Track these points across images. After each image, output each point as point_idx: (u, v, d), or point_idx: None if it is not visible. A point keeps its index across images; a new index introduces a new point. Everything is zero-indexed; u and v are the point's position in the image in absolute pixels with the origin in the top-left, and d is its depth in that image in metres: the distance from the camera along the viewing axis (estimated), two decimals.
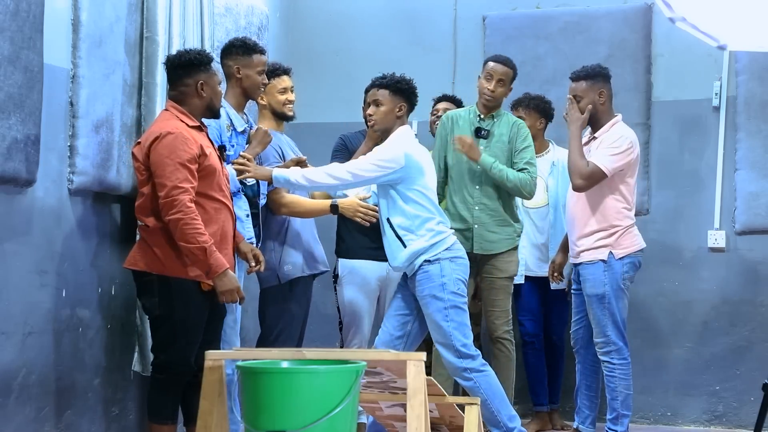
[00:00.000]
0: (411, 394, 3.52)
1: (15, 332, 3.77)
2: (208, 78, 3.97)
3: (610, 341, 4.80)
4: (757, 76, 5.49)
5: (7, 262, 3.73)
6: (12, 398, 3.75)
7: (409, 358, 3.59)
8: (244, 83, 4.39)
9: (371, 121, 4.50)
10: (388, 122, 4.44)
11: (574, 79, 4.91)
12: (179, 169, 3.77)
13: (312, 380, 3.44)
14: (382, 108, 4.44)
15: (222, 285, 3.83)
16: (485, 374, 4.37)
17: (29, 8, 3.70)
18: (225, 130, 4.30)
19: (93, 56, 4.12)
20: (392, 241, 4.37)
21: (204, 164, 3.87)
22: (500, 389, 4.41)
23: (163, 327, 3.92)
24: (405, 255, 4.34)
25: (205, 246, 3.76)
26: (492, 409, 4.36)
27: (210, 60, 4.01)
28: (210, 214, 3.90)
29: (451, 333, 4.32)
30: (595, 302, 4.80)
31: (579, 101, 4.86)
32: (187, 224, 3.74)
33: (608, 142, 4.79)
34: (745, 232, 5.55)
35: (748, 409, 5.40)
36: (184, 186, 3.76)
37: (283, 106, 4.69)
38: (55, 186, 4.00)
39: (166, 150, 3.79)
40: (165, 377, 3.92)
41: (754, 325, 5.54)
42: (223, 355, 3.90)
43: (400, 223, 4.33)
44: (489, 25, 5.97)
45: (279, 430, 3.39)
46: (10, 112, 3.62)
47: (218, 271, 3.80)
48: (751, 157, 5.52)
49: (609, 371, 4.84)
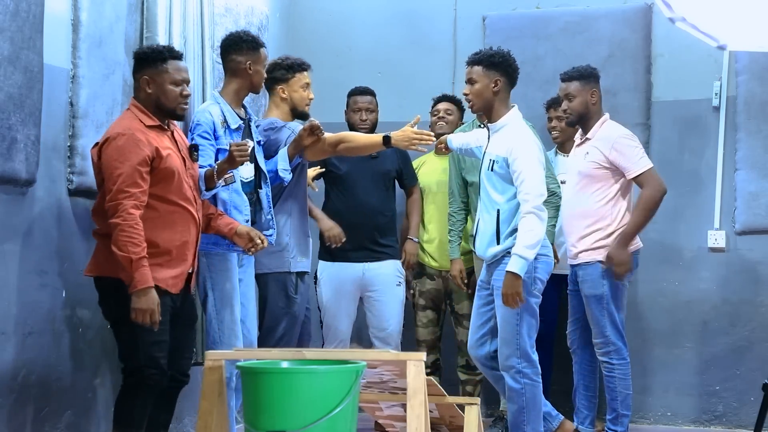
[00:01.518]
0: (411, 394, 3.53)
1: (15, 332, 3.77)
2: (155, 75, 3.80)
3: (609, 341, 4.80)
4: (757, 76, 5.50)
5: (6, 262, 3.73)
6: (12, 398, 3.75)
7: (409, 358, 3.60)
8: (254, 78, 4.34)
9: (468, 101, 4.39)
10: (487, 100, 4.32)
11: (565, 79, 4.92)
12: (127, 173, 3.61)
13: (312, 380, 3.44)
14: (476, 86, 4.32)
15: (136, 302, 3.60)
16: (535, 385, 4.33)
17: (29, 8, 3.70)
18: (219, 126, 4.23)
19: (93, 56, 4.12)
20: (490, 232, 4.30)
21: (160, 166, 3.71)
22: (541, 405, 4.37)
23: (123, 331, 3.74)
24: (497, 249, 4.29)
25: (132, 257, 3.57)
26: (524, 419, 4.31)
27: (160, 57, 3.82)
28: (165, 218, 3.75)
29: (519, 332, 4.28)
30: (593, 303, 4.80)
31: (571, 100, 4.87)
32: (123, 231, 3.58)
33: (621, 148, 4.79)
34: (745, 232, 5.55)
35: (748, 409, 5.40)
36: (129, 191, 3.61)
37: (304, 103, 4.67)
38: (55, 186, 4.00)
39: (115, 152, 3.64)
40: (133, 382, 3.74)
41: (754, 325, 5.54)
42: (223, 355, 3.89)
43: (506, 218, 4.26)
44: (489, 25, 5.97)
45: (279, 430, 3.39)
46: (10, 112, 3.62)
47: (137, 287, 3.59)
48: (751, 157, 5.52)
49: (608, 371, 4.84)
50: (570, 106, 4.89)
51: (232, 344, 4.23)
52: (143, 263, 3.61)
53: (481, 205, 4.42)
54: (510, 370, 4.31)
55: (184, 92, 3.84)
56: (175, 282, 3.81)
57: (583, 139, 4.93)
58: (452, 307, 5.48)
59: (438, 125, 5.48)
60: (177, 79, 3.82)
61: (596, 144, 4.85)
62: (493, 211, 4.30)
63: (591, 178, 4.83)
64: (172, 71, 3.82)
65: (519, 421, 4.32)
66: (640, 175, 4.79)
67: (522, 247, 4.14)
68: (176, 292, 3.82)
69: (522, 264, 4.14)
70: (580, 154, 4.91)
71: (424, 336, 5.48)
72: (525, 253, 4.14)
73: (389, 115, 6.03)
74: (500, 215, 4.28)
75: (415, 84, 6.01)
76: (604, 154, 4.81)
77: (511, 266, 4.14)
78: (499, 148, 4.31)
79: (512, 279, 4.14)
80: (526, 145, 4.27)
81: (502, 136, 4.33)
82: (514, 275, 4.14)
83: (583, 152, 4.88)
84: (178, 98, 3.83)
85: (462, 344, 5.37)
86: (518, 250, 4.14)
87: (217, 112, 4.26)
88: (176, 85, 3.82)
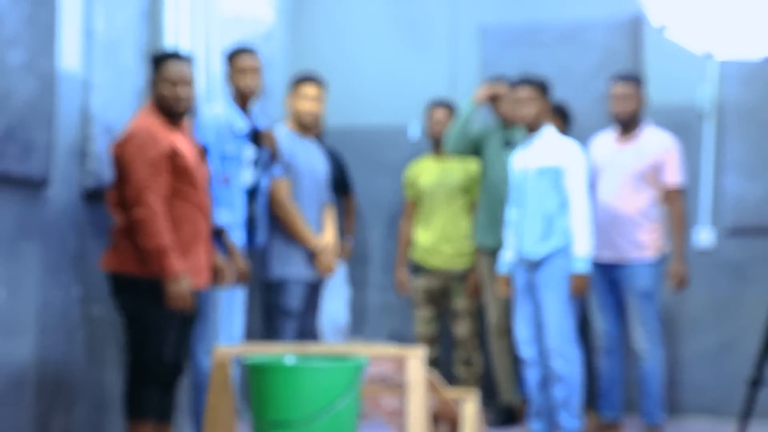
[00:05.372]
0: (411, 389, 3.54)
1: (31, 329, 3.80)
2: (158, 74, 3.87)
3: (655, 337, 4.92)
4: (744, 83, 5.56)
5: (23, 261, 3.76)
6: (28, 392, 3.79)
7: (408, 353, 3.59)
8: (238, 85, 4.41)
9: (522, 115, 4.73)
10: (537, 115, 4.75)
11: (624, 80, 4.97)
12: (147, 167, 3.71)
13: (315, 376, 3.42)
14: (530, 103, 4.73)
15: (172, 290, 3.71)
16: (581, 370, 4.70)
17: (44, 17, 3.75)
18: (224, 130, 4.32)
19: (106, 63, 4.17)
20: (538, 233, 4.67)
21: (178, 164, 3.80)
22: (583, 385, 4.79)
23: (134, 326, 3.82)
24: (544, 250, 4.66)
25: (161, 247, 3.67)
26: (574, 398, 4.66)
27: (164, 57, 3.87)
28: (181, 214, 3.83)
29: (568, 322, 4.65)
30: (642, 299, 4.91)
31: (627, 102, 4.96)
32: (150, 222, 3.68)
33: (672, 155, 4.95)
34: (732, 233, 5.66)
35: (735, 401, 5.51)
36: (150, 184, 3.72)
37: (300, 113, 4.72)
38: (69, 188, 4.04)
39: (135, 148, 3.73)
40: (142, 376, 3.83)
41: (740, 322, 5.63)
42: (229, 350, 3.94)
43: (554, 219, 4.66)
44: (485, 33, 6.02)
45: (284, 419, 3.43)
46: (26, 117, 3.67)
47: (171, 275, 3.70)
48: (739, 161, 5.62)
49: (651, 367, 4.93)
50: (624, 106, 4.97)
51: (214, 340, 4.27)
52: (171, 252, 3.70)
53: (525, 207, 4.73)
54: (561, 357, 4.65)
55: (181, 91, 3.87)
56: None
57: (628, 141, 5.00)
58: (450, 304, 5.55)
59: (435, 130, 5.54)
60: (174, 78, 3.86)
61: (648, 147, 4.95)
62: (541, 213, 4.68)
63: (640, 179, 4.93)
64: (170, 70, 3.87)
65: (568, 400, 4.66)
66: (677, 189, 4.94)
67: (584, 251, 4.62)
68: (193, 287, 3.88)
69: (586, 264, 4.63)
70: (627, 155, 4.98)
71: (423, 332, 5.53)
72: (587, 255, 4.63)
73: (389, 120, 6.10)
74: (548, 217, 4.64)
75: (414, 88, 6.07)
76: (657, 157, 4.93)
77: (579, 269, 4.62)
78: (548, 155, 4.71)
79: (580, 279, 4.63)
80: (579, 156, 4.70)
81: (549, 144, 4.74)
82: (581, 276, 4.63)
83: (631, 154, 4.96)
84: (174, 96, 3.87)
85: (460, 340, 5.46)
86: (581, 252, 4.62)
87: (223, 115, 4.34)
88: (173, 84, 3.87)
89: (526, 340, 4.80)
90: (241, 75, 4.41)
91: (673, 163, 4.95)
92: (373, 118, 5.97)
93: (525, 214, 4.73)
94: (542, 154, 4.72)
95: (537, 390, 4.80)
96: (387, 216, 6.15)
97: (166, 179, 3.77)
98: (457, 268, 5.53)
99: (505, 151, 5.28)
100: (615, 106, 4.99)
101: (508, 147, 5.28)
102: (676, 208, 4.94)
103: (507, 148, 5.28)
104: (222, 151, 4.33)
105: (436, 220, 5.55)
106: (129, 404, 3.87)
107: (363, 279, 6.15)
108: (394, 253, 5.91)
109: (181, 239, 3.83)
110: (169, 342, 3.85)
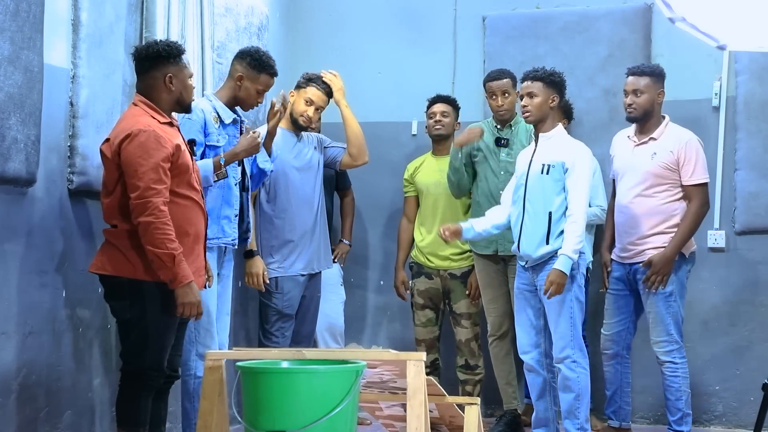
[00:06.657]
0: (411, 394, 3.54)
1: (15, 332, 3.78)
2: (177, 71, 3.83)
3: (673, 340, 4.84)
4: (756, 76, 5.50)
5: (7, 262, 3.74)
6: (12, 398, 3.76)
7: (408, 357, 3.60)
8: (240, 93, 4.41)
9: (526, 112, 4.63)
10: (544, 113, 4.62)
11: (636, 74, 4.91)
12: (153, 170, 3.63)
13: (312, 380, 3.44)
14: (536, 99, 4.60)
15: (184, 296, 3.67)
16: (587, 373, 4.57)
17: (29, 8, 3.70)
18: (212, 122, 4.29)
19: (93, 56, 4.12)
20: (540, 233, 4.54)
21: (177, 162, 3.74)
22: (589, 392, 4.62)
23: (134, 332, 3.75)
24: (547, 250, 4.54)
25: (174, 253, 3.62)
26: (579, 406, 4.53)
27: (180, 52, 3.86)
28: (182, 211, 3.76)
29: (573, 324, 4.52)
30: (660, 300, 4.82)
31: (639, 96, 4.88)
32: (158, 229, 3.60)
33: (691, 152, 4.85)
34: (744, 232, 5.56)
35: (748, 409, 5.41)
36: (157, 188, 3.62)
37: (299, 113, 4.90)
38: (55, 186, 4.00)
39: (139, 149, 3.64)
40: (135, 382, 3.75)
41: (753, 325, 5.55)
42: (223, 355, 3.90)
43: (557, 219, 4.54)
44: (489, 25, 5.97)
45: (279, 430, 3.40)
46: (10, 113, 3.62)
47: (183, 282, 3.65)
48: (751, 157, 5.53)
49: (672, 372, 4.85)
50: (636, 101, 4.89)
51: (207, 344, 4.25)
52: (182, 257, 3.66)
53: (527, 207, 4.61)
54: (566, 361, 4.53)
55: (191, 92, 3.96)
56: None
57: (646, 139, 4.93)
58: (450, 307, 5.48)
59: (435, 128, 5.49)
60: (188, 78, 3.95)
61: (665, 145, 4.87)
62: (544, 213, 4.54)
63: (659, 178, 4.86)
64: (183, 72, 3.90)
65: (574, 407, 4.54)
66: (696, 185, 4.83)
67: (570, 249, 4.47)
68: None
69: (570, 263, 4.47)
70: (645, 153, 4.90)
71: (422, 335, 5.49)
72: (573, 255, 4.48)
73: (389, 115, 6.07)
74: (552, 217, 4.53)
75: (415, 84, 6.01)
76: (674, 155, 4.84)
77: (560, 265, 4.45)
78: (554, 154, 4.58)
79: (560, 276, 4.45)
80: (585, 156, 4.62)
81: (556, 144, 4.62)
82: (561, 272, 4.45)
83: (649, 152, 4.88)
84: (189, 98, 3.94)
85: (461, 344, 5.41)
86: (567, 251, 4.47)
87: (208, 108, 4.31)
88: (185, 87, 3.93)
89: (526, 345, 4.67)
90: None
91: (693, 161, 4.84)
92: (372, 114, 5.90)
93: (527, 214, 4.61)
94: (549, 154, 4.61)
95: (538, 397, 4.68)
96: (387, 216, 6.10)
97: (169, 181, 3.71)
98: (458, 268, 5.44)
99: (498, 150, 5.21)
100: (627, 101, 4.92)
101: (501, 147, 5.21)
102: (692, 205, 4.83)
103: (499, 149, 5.21)
104: (211, 145, 4.30)
105: (436, 219, 5.47)
106: (122, 412, 3.80)
107: (362, 280, 6.09)
108: (393, 254, 5.82)
109: (185, 238, 3.78)
110: (168, 347, 3.80)
